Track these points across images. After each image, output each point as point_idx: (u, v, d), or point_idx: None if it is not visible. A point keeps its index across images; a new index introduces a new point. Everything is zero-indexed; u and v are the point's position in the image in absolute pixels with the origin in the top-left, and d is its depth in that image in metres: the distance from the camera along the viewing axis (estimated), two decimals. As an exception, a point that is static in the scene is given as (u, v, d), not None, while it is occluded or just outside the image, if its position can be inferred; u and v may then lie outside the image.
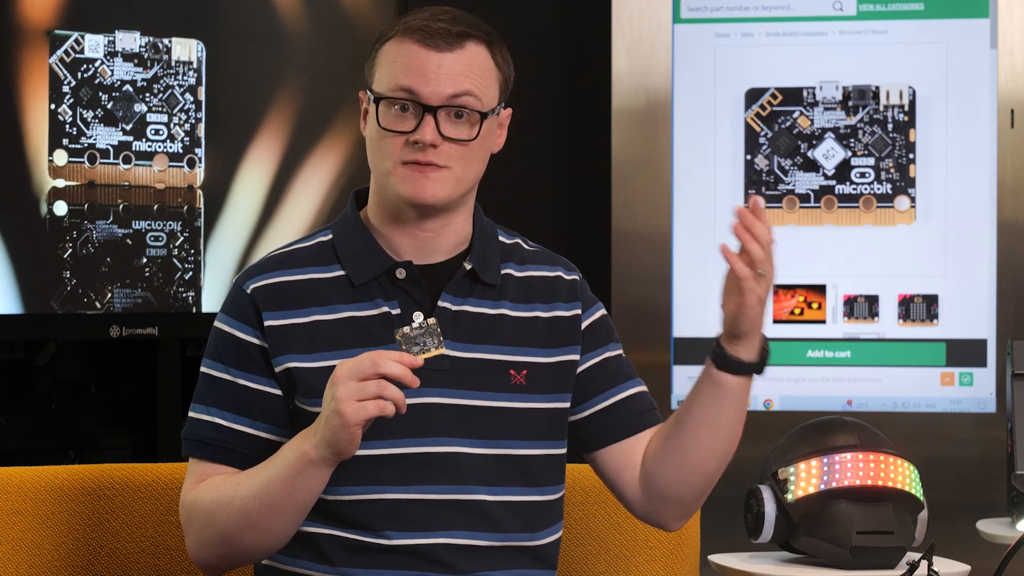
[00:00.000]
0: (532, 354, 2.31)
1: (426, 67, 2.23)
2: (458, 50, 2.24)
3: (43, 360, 3.91)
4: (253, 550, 2.22)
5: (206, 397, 2.28)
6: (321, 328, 2.25)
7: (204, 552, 2.24)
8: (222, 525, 2.20)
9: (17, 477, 2.49)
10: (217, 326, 2.29)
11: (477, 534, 2.26)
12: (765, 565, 2.75)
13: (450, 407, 2.25)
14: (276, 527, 2.19)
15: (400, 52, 2.24)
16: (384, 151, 2.25)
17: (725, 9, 4.37)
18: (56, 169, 3.74)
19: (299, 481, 2.16)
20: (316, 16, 4.06)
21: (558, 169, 4.81)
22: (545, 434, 2.31)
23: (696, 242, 4.35)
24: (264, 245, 3.99)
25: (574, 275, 2.40)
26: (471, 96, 2.24)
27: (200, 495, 2.23)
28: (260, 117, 4.00)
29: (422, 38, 2.23)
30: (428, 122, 2.22)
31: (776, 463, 2.75)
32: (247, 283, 2.29)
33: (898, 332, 4.32)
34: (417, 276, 2.27)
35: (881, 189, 4.33)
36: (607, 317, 2.42)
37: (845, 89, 4.35)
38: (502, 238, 2.37)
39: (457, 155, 2.24)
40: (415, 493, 2.24)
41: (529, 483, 2.29)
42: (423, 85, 2.22)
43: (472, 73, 2.25)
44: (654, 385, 4.33)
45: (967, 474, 4.28)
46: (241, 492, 2.19)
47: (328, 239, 2.32)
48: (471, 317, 2.29)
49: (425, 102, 2.22)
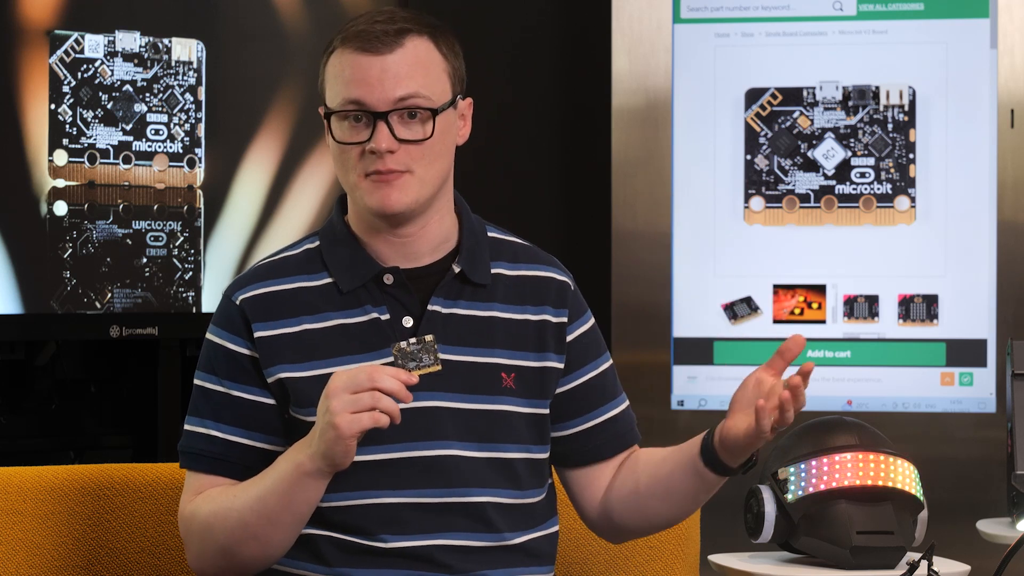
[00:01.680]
0: (521, 357, 2.30)
1: (368, 74, 2.20)
2: (399, 50, 2.21)
3: (43, 360, 3.91)
4: (253, 561, 2.22)
5: (201, 409, 2.28)
6: (311, 337, 2.24)
7: (205, 564, 2.24)
8: (220, 538, 2.20)
9: (17, 477, 2.49)
10: (208, 338, 2.29)
11: (473, 535, 2.25)
12: (765, 565, 2.75)
13: (444, 410, 2.25)
14: (275, 538, 2.19)
15: (343, 63, 2.22)
16: (346, 165, 2.24)
17: (725, 9, 4.37)
18: (56, 169, 3.74)
19: (296, 493, 2.16)
20: (316, 16, 4.06)
21: (558, 169, 4.81)
22: (527, 438, 2.30)
23: (696, 242, 4.35)
24: (264, 245, 3.99)
25: (565, 277, 2.38)
26: (419, 96, 2.21)
27: (197, 508, 2.23)
28: (260, 117, 3.99)
29: (361, 45, 2.21)
30: (381, 129, 2.20)
31: (776, 463, 2.75)
32: (235, 294, 2.28)
33: (898, 332, 4.32)
34: (404, 281, 2.26)
35: (881, 189, 4.33)
36: (595, 328, 2.40)
37: (845, 89, 4.35)
38: (492, 233, 2.36)
39: (416, 156, 2.22)
40: (411, 497, 2.23)
41: (515, 486, 2.29)
42: (369, 94, 2.20)
43: (417, 72, 2.22)
44: (654, 385, 4.35)
45: (967, 474, 4.28)
46: (238, 504, 2.19)
47: (315, 246, 2.31)
48: (461, 319, 2.28)
49: (374, 109, 2.20)
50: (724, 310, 4.36)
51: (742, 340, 4.34)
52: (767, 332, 4.33)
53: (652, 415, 4.27)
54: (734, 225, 4.34)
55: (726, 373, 4.34)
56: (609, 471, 2.38)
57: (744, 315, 4.35)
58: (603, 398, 2.38)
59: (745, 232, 4.34)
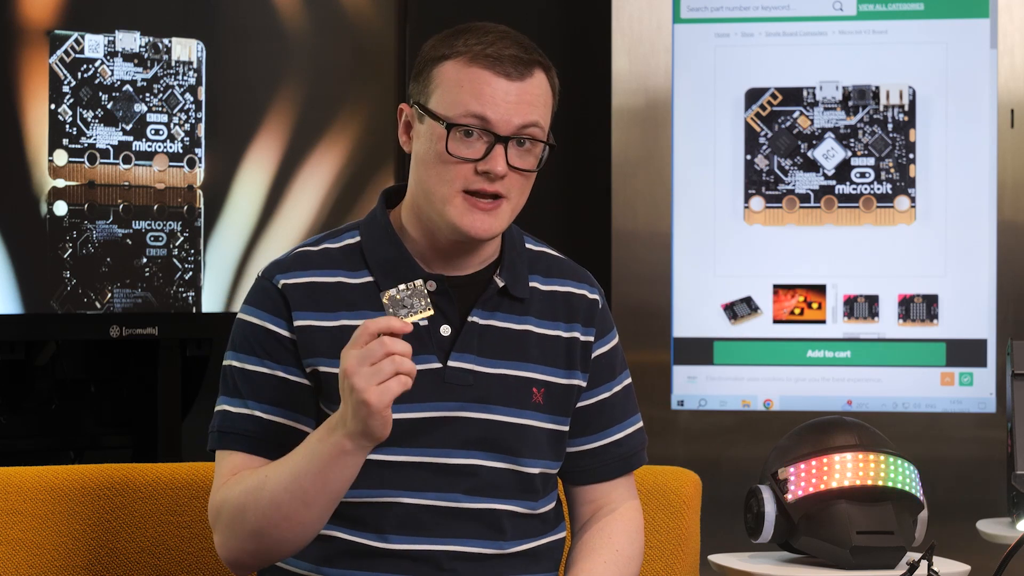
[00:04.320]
0: (551, 373, 2.31)
1: (496, 95, 2.19)
2: (528, 79, 2.22)
3: (43, 360, 3.91)
4: (284, 544, 2.18)
5: (240, 390, 2.25)
6: (348, 333, 2.21)
7: (234, 550, 2.20)
8: (252, 520, 2.17)
9: (17, 477, 2.49)
10: (245, 319, 2.27)
11: (483, 542, 2.26)
12: (765, 565, 2.75)
13: (473, 421, 2.25)
14: (308, 519, 2.16)
15: (472, 77, 2.20)
16: (445, 177, 2.20)
17: (725, 9, 4.37)
18: (56, 169, 3.73)
19: (333, 472, 2.13)
20: (316, 16, 4.06)
21: (558, 169, 4.81)
22: (547, 453, 2.31)
23: (696, 242, 4.35)
24: (264, 245, 3.99)
25: (596, 295, 2.38)
26: (537, 127, 2.22)
27: (229, 492, 2.20)
28: (260, 117, 3.99)
29: (492, 64, 2.20)
30: (499, 152, 2.19)
31: (776, 463, 2.75)
32: (276, 276, 2.27)
33: (898, 332, 4.32)
34: (447, 289, 2.26)
35: (881, 189, 4.33)
36: (618, 347, 2.40)
37: (845, 89, 4.35)
38: (529, 245, 2.36)
39: (517, 185, 2.22)
40: (429, 499, 2.24)
41: (532, 497, 2.30)
42: (495, 114, 2.19)
43: (539, 103, 2.23)
44: (654, 385, 4.35)
45: (967, 474, 4.28)
46: (270, 485, 2.16)
47: (356, 242, 2.29)
48: (498, 332, 2.28)
49: (496, 131, 2.19)
50: (724, 310, 4.36)
51: (742, 340, 4.34)
52: (767, 332, 4.33)
53: (652, 415, 4.27)
54: (734, 225, 4.34)
55: (726, 373, 4.34)
56: (605, 492, 2.39)
57: (744, 315, 4.35)
58: (612, 420, 2.38)
59: (745, 232, 4.34)
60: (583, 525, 2.38)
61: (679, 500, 2.69)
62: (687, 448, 4.33)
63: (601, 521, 2.36)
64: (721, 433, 4.36)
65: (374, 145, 4.13)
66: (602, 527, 2.36)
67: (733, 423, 4.34)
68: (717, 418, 4.36)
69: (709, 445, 4.35)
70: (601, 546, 2.33)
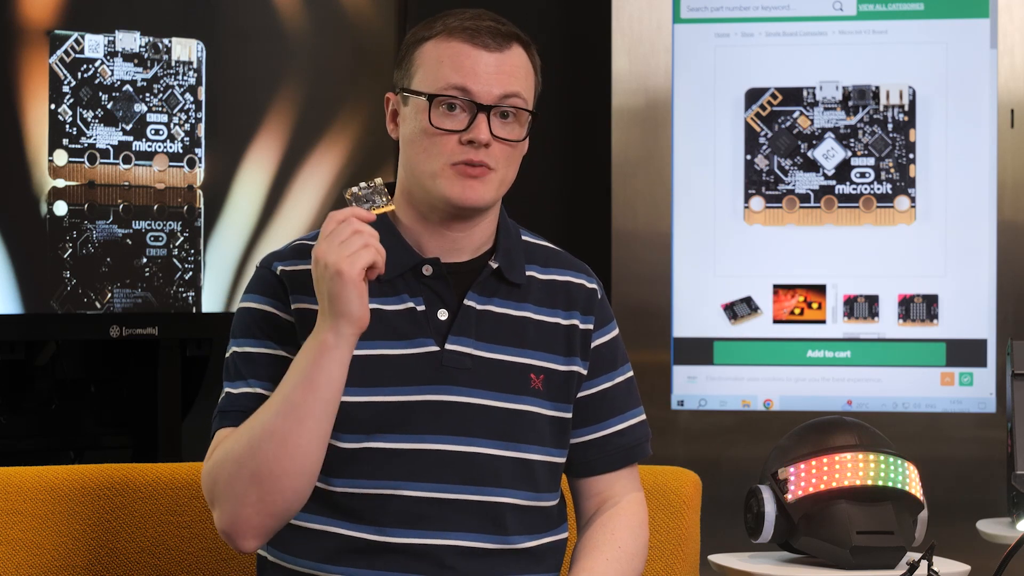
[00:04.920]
0: (550, 359, 2.32)
1: (477, 66, 2.22)
2: (507, 50, 2.24)
3: (43, 360, 3.91)
4: (284, 482, 2.14)
5: (243, 372, 2.25)
6: None
7: (234, 511, 2.16)
8: (249, 462, 2.14)
9: (17, 477, 2.49)
10: (246, 306, 2.28)
11: (485, 537, 2.26)
12: (765, 565, 2.75)
13: (472, 406, 2.26)
14: (304, 441, 2.13)
15: (448, 51, 2.23)
16: (432, 151, 2.23)
17: (725, 9, 4.37)
18: (56, 169, 3.74)
19: (320, 375, 2.13)
20: (316, 16, 4.06)
21: (558, 169, 4.81)
22: (549, 441, 2.32)
23: (696, 242, 4.35)
24: (264, 245, 3.99)
25: (594, 285, 2.39)
26: (519, 97, 2.24)
27: (222, 449, 2.18)
28: (260, 117, 4.00)
29: (470, 37, 2.22)
30: (482, 121, 2.21)
31: (776, 463, 2.75)
32: (275, 264, 2.29)
33: (898, 332, 4.32)
34: (443, 273, 2.27)
35: (881, 189, 4.33)
36: (618, 339, 2.40)
37: (845, 89, 4.35)
38: (526, 238, 2.38)
39: (504, 156, 2.24)
40: (430, 491, 2.24)
41: (532, 488, 2.30)
42: (475, 83, 2.21)
43: (519, 74, 2.24)
44: (654, 385, 4.35)
45: (967, 474, 4.28)
46: (261, 417, 2.15)
47: None
48: (495, 317, 2.29)
49: (478, 100, 2.21)
50: (724, 310, 4.36)
51: (742, 340, 4.34)
52: (767, 332, 4.34)
53: (652, 415, 4.22)
54: (734, 225, 4.34)
55: (726, 373, 4.34)
56: (608, 484, 2.38)
57: (744, 315, 4.35)
58: (613, 410, 2.38)
59: (745, 232, 4.34)
60: (587, 521, 2.38)
61: (679, 500, 2.69)
62: (687, 448, 4.33)
63: (604, 516, 2.36)
64: (721, 433, 4.36)
65: (374, 145, 4.13)
66: (605, 522, 2.36)
67: (733, 423, 4.34)
68: (717, 418, 4.36)
69: (709, 445, 4.35)
70: (604, 542, 2.34)
